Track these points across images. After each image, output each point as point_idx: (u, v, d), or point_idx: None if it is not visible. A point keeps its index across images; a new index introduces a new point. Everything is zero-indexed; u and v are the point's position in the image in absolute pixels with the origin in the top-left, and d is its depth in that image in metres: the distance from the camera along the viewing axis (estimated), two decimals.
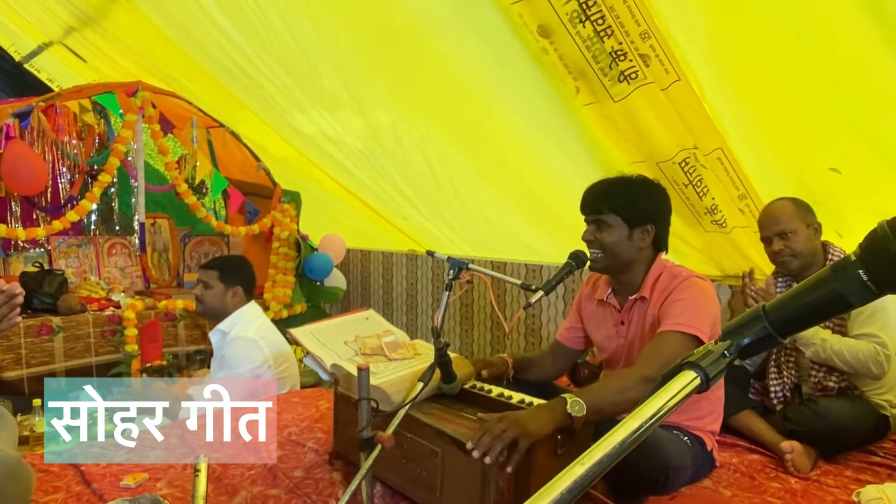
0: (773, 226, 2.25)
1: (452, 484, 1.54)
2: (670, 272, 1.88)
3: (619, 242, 1.87)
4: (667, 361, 1.62)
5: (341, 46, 3.14)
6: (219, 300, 2.76)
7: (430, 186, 3.80)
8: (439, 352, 1.62)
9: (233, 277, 2.76)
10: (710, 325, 1.74)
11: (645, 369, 1.65)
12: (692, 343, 1.68)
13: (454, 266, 1.90)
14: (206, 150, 4.23)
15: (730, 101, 2.39)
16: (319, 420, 2.35)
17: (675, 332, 1.70)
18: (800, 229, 2.21)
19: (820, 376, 2.21)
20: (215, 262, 2.86)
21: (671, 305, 1.78)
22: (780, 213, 2.25)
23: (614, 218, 1.86)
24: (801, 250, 2.21)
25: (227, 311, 2.75)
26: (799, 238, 2.21)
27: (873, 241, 0.61)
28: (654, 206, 1.90)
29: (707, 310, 1.76)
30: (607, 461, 0.57)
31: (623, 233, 1.87)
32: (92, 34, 4.36)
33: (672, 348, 1.68)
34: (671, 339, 1.70)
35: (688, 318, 1.71)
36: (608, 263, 1.91)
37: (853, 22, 1.97)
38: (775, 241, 2.24)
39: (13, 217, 4.33)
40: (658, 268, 1.90)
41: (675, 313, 1.74)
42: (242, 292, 2.77)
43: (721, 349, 0.66)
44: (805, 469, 1.98)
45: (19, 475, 1.51)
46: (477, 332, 4.26)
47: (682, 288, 1.81)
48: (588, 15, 2.17)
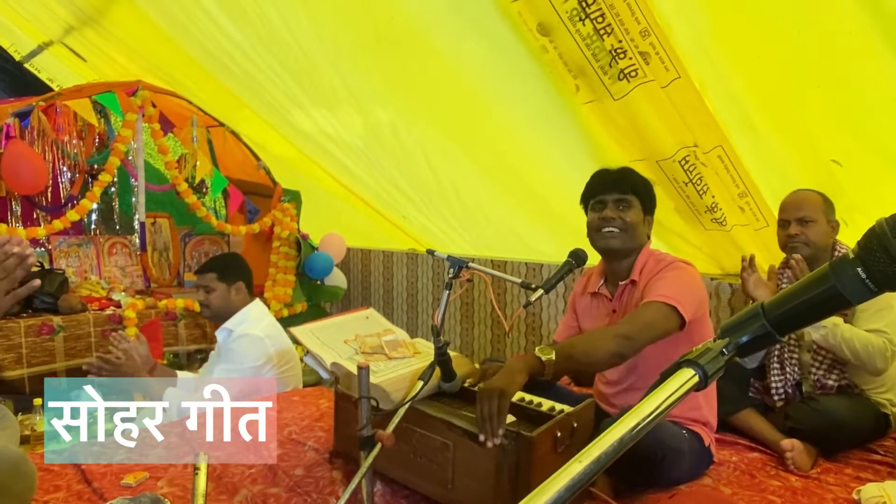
0: (796, 210, 2.25)
1: (465, 476, 1.56)
2: (656, 257, 1.95)
3: (638, 224, 1.94)
4: (645, 324, 1.66)
5: (340, 44, 3.14)
6: (224, 300, 2.75)
7: (429, 185, 3.80)
8: (439, 350, 1.62)
9: (231, 274, 2.76)
10: (694, 305, 1.76)
11: (620, 328, 1.69)
12: (672, 314, 1.71)
13: (454, 265, 1.91)
14: (206, 149, 4.23)
15: (730, 99, 2.39)
16: (320, 419, 2.36)
17: (655, 302, 1.73)
18: (820, 221, 2.22)
19: (819, 374, 2.21)
20: (210, 264, 2.84)
21: (655, 282, 1.83)
22: (806, 200, 2.26)
23: (636, 200, 1.93)
24: (816, 241, 2.22)
25: (234, 309, 2.74)
26: (818, 228, 2.22)
27: (871, 239, 0.61)
28: (654, 201, 2.00)
29: (691, 290, 1.80)
30: (605, 459, 0.57)
31: (640, 216, 1.94)
32: (92, 33, 4.37)
33: (650, 314, 1.71)
34: (651, 307, 1.73)
35: (670, 291, 1.75)
36: (623, 242, 1.93)
37: (853, 18, 1.97)
38: (794, 224, 2.25)
39: (14, 217, 4.33)
40: (646, 254, 1.96)
41: (659, 287, 1.79)
42: (244, 286, 2.77)
43: (719, 347, 0.66)
44: (805, 467, 1.98)
45: (23, 471, 1.51)
46: (477, 331, 4.26)
47: (668, 269, 1.87)
48: (588, 13, 2.17)
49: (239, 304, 2.75)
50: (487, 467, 1.49)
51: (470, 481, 1.54)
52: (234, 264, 2.83)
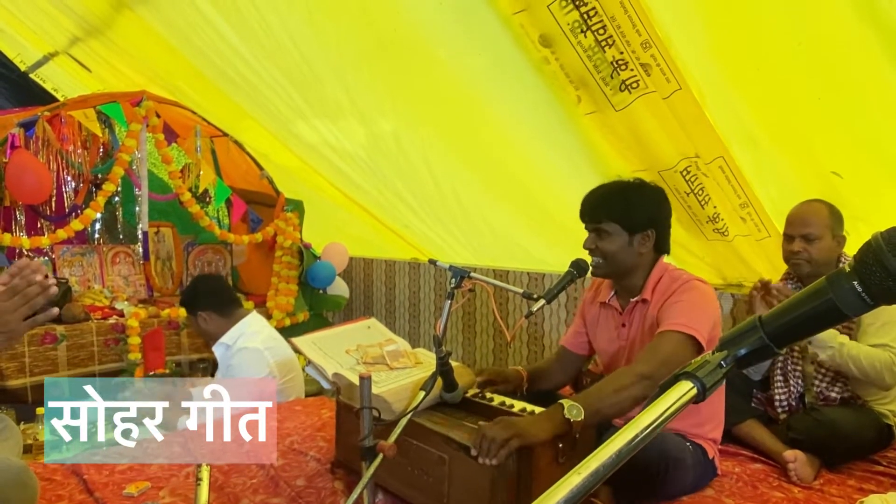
0: (801, 226, 2.20)
1: (460, 490, 1.55)
2: (671, 275, 1.89)
3: (620, 250, 1.88)
4: (663, 360, 1.63)
5: (343, 55, 3.16)
6: (199, 329, 2.81)
7: (432, 195, 3.81)
8: (441, 360, 1.62)
9: (195, 307, 2.77)
10: (709, 327, 1.74)
11: (641, 367, 1.65)
12: (690, 343, 1.69)
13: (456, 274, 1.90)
14: (209, 159, 4.25)
15: (731, 110, 2.39)
16: (321, 429, 2.36)
17: (673, 332, 1.70)
18: (825, 237, 2.17)
19: (823, 386, 2.21)
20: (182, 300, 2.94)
21: (671, 307, 1.79)
22: (812, 216, 2.20)
23: (613, 226, 1.87)
24: (819, 258, 2.17)
25: (213, 332, 2.76)
26: (822, 246, 2.17)
27: (867, 253, 0.62)
28: (652, 211, 1.90)
29: (706, 312, 1.77)
30: (604, 471, 0.57)
31: (623, 240, 1.87)
32: (97, 44, 4.40)
33: (669, 347, 1.68)
34: (669, 339, 1.70)
35: (686, 318, 1.72)
36: (609, 270, 1.93)
37: (852, 31, 1.98)
38: (797, 241, 2.20)
39: (18, 226, 4.35)
40: (659, 270, 1.91)
41: (674, 314, 1.75)
42: (212, 312, 2.75)
43: (718, 359, 0.67)
44: (808, 478, 1.97)
45: (25, 483, 1.52)
46: (479, 341, 4.26)
47: (683, 290, 1.81)
48: (589, 25, 2.19)
49: (216, 328, 2.75)
50: (483, 484, 1.47)
51: (465, 496, 1.54)
52: (195, 296, 2.83)
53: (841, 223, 2.21)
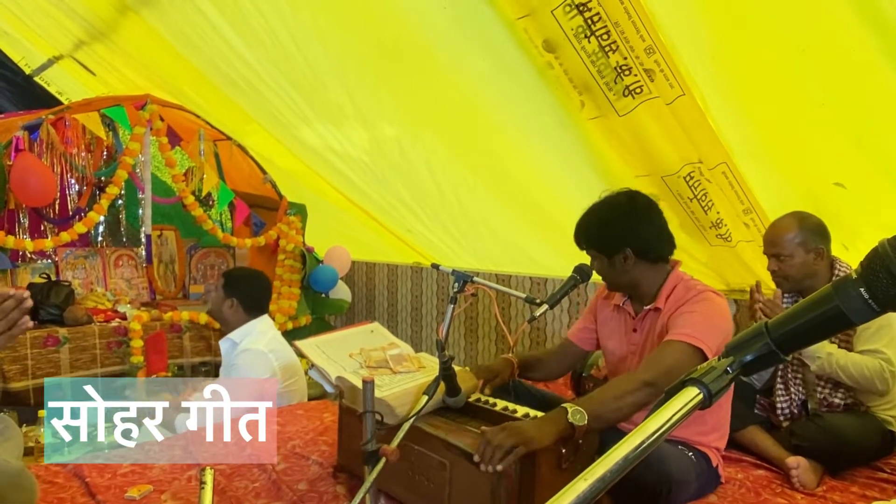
0: (769, 246, 2.24)
1: (461, 496, 1.54)
2: (686, 284, 1.88)
3: (606, 272, 1.95)
4: (667, 369, 1.63)
5: (347, 61, 3.17)
6: (216, 306, 2.83)
7: (434, 199, 3.81)
8: (443, 365, 1.62)
9: (232, 289, 2.79)
10: (719, 341, 1.72)
11: (645, 374, 1.65)
12: (696, 355, 1.67)
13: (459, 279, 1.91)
14: (212, 162, 4.25)
15: (734, 116, 2.39)
16: (324, 433, 2.35)
17: (679, 342, 1.70)
18: (796, 254, 2.17)
19: (826, 392, 2.20)
20: (226, 272, 2.97)
21: (681, 316, 1.78)
22: (779, 235, 2.21)
23: (593, 252, 1.95)
24: (794, 275, 2.19)
25: (226, 319, 2.79)
26: (793, 263, 2.18)
27: (874, 259, 0.62)
28: (620, 230, 1.88)
29: (717, 325, 1.75)
30: (610, 477, 0.57)
31: (604, 263, 1.93)
32: (101, 48, 4.42)
33: (674, 357, 1.68)
34: (674, 348, 1.70)
35: (695, 329, 1.71)
36: (612, 288, 2.02)
37: (855, 37, 1.98)
38: (771, 260, 2.25)
39: (21, 228, 4.35)
40: (674, 280, 1.91)
41: (684, 324, 1.74)
42: (238, 305, 2.77)
43: (724, 366, 0.67)
44: (811, 485, 1.97)
45: (22, 485, 1.51)
46: (481, 346, 4.25)
47: (696, 301, 1.81)
48: (593, 30, 2.19)
49: (231, 317, 2.79)
50: (484, 490, 1.47)
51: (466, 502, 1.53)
52: (240, 282, 2.85)
53: (818, 234, 2.19)
